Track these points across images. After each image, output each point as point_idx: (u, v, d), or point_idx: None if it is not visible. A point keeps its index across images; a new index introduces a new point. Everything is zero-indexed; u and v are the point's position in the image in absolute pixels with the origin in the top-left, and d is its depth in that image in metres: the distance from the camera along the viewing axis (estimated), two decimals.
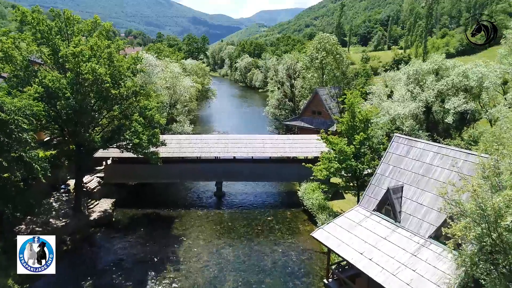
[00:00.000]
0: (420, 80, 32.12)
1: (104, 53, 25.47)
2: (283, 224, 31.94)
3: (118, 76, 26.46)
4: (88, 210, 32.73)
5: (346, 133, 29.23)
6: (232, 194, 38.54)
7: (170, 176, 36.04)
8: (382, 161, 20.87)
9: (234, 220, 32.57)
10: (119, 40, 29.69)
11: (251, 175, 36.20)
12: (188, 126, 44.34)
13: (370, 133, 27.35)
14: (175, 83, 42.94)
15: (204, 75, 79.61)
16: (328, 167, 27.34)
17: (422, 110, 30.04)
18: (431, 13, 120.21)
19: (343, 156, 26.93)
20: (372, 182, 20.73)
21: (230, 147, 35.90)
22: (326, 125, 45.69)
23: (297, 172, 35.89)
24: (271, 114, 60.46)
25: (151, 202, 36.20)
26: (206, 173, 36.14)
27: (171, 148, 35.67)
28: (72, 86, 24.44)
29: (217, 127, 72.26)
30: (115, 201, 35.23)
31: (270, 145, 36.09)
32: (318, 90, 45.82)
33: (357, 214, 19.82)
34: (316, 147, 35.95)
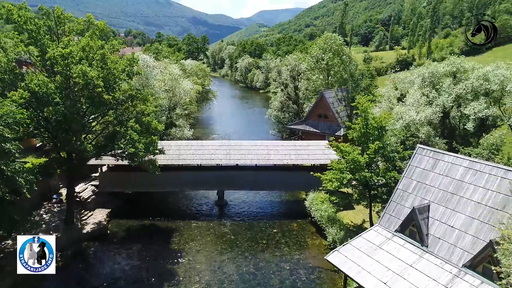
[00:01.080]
0: (436, 83, 30.05)
1: (96, 55, 23.36)
2: (290, 237, 29.85)
3: (112, 80, 24.36)
4: (81, 222, 30.64)
5: (358, 140, 27.18)
6: (234, 204, 36.45)
7: (169, 184, 33.94)
8: (404, 175, 18.79)
9: (237, 233, 30.48)
10: (114, 40, 27.52)
11: (254, 184, 34.11)
12: (188, 130, 42.17)
13: (385, 141, 25.27)
14: (174, 85, 40.75)
15: (205, 76, 77.44)
16: (339, 178, 25.25)
17: (440, 116, 27.97)
18: (435, 12, 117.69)
19: (356, 166, 24.85)
20: (393, 199, 18.64)
21: (232, 154, 33.82)
22: (333, 129, 43.62)
23: (303, 180, 33.84)
24: (274, 117, 58.37)
25: (148, 212, 34.09)
26: (207, 181, 34.05)
27: (170, 155, 33.61)
28: (62, 91, 22.32)
29: (217, 130, 70.19)
30: (111, 211, 33.19)
31: (275, 152, 34.01)
32: (324, 93, 43.74)
33: (377, 235, 17.73)
34: (324, 154, 33.90)
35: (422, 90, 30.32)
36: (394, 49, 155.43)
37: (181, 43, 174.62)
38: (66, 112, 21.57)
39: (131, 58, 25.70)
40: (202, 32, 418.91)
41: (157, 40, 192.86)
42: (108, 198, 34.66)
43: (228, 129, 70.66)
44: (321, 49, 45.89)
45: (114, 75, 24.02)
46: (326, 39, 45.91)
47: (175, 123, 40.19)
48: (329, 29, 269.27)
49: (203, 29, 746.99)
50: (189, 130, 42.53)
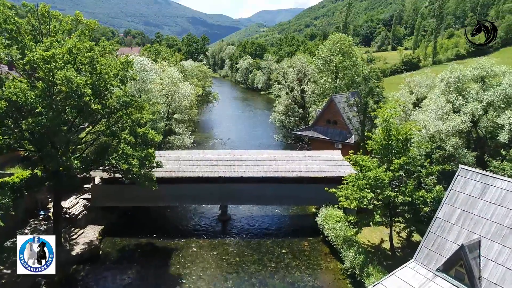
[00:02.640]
0: (462, 89, 27.23)
1: (85, 58, 20.49)
2: (301, 259, 26.99)
3: (103, 86, 21.49)
4: (71, 241, 27.76)
5: (377, 153, 24.35)
6: (238, 218, 33.57)
7: (168, 198, 31.06)
8: (445, 202, 15.94)
9: (242, 254, 27.62)
10: (105, 41, 24.64)
11: (261, 198, 31.23)
12: (189, 137, 39.20)
13: (411, 155, 22.44)
14: (173, 90, 37.81)
15: (205, 77, 74.60)
16: (359, 197, 22.40)
17: (469, 126, 25.15)
18: (441, 12, 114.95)
19: (379, 183, 22.01)
20: (431, 230, 15.79)
21: (237, 166, 30.97)
22: (343, 136, 40.76)
23: (314, 194, 30.98)
24: (278, 121, 55.51)
25: (145, 228, 31.24)
26: (209, 195, 31.16)
27: (169, 166, 30.77)
28: (44, 100, 19.45)
29: (218, 134, 67.33)
30: (104, 228, 30.33)
31: (283, 163, 31.16)
32: (333, 97, 40.85)
33: (415, 274, 14.88)
34: (337, 165, 31.06)
35: (446, 97, 27.48)
36: (397, 50, 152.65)
37: (181, 43, 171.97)
38: (48, 124, 18.68)
39: (124, 62, 22.81)
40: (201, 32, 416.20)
41: (156, 41, 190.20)
42: (101, 213, 31.77)
43: (229, 133, 67.82)
44: (330, 50, 43.04)
45: (105, 80, 21.14)
46: (335, 40, 43.06)
47: (174, 130, 37.24)
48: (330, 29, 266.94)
49: (202, 29, 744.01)
50: (189, 137, 39.57)
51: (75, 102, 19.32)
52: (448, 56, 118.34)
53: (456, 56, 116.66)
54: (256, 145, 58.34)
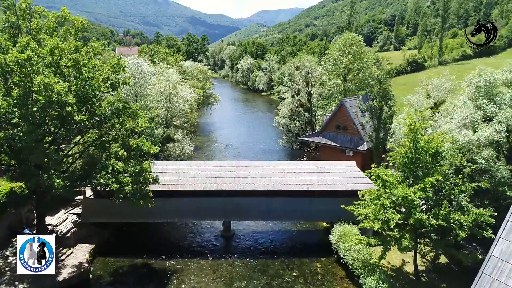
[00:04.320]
0: (493, 94, 24.45)
1: (69, 60, 17.70)
2: (314, 284, 24.20)
3: (91, 92, 18.69)
4: (58, 263, 24.87)
5: (402, 166, 21.58)
6: (243, 234, 30.79)
7: (166, 214, 28.28)
8: (501, 236, 13.09)
9: (248, 278, 24.82)
10: (96, 41, 21.83)
11: (268, 214, 28.46)
12: (189, 144, 36.31)
13: (444, 171, 19.68)
14: (172, 94, 34.93)
15: (206, 79, 71.79)
16: (384, 219, 19.62)
17: (505, 136, 22.35)
18: (446, 11, 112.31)
19: (407, 203, 19.24)
20: (485, 271, 12.92)
21: (242, 178, 28.20)
22: (354, 143, 38.00)
23: (327, 209, 28.25)
24: (282, 125, 52.73)
25: (141, 247, 28.50)
26: (211, 210, 28.38)
27: (167, 178, 28.03)
28: (20, 110, 16.65)
29: (220, 138, 64.60)
30: (95, 247, 27.51)
31: (293, 175, 28.39)
32: (344, 101, 38.10)
33: None
34: (352, 177, 28.29)
35: (476, 103, 24.69)
36: (401, 50, 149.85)
37: (181, 43, 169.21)
38: (24, 138, 15.89)
39: (115, 64, 20.00)
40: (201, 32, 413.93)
41: (155, 40, 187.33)
42: (93, 229, 28.99)
43: (231, 137, 65.08)
44: (340, 51, 40.26)
45: (92, 86, 18.33)
46: (346, 40, 40.26)
47: (173, 138, 34.43)
48: (331, 29, 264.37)
49: (201, 29, 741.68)
50: (189, 145, 36.69)
51: (56, 113, 16.51)
52: (454, 56, 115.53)
53: (463, 57, 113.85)
54: (259, 150, 55.66)
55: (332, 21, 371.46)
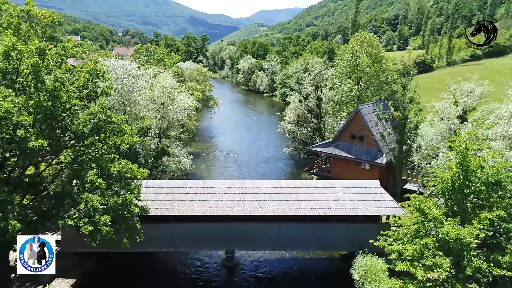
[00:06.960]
0: None
1: (25, 66, 13.66)
2: None
3: (59, 106, 14.64)
4: None
5: (445, 193, 17.61)
6: (248, 264, 26.74)
7: (158, 243, 24.25)
8: None
9: None
10: (71, 41, 17.78)
11: (277, 242, 24.42)
12: (187, 158, 32.11)
13: (506, 206, 15.67)
14: (167, 103, 30.67)
15: (205, 80, 67.67)
16: (429, 264, 15.58)
17: None
18: (456, 10, 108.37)
19: (458, 245, 15.22)
20: None
21: (247, 200, 24.17)
22: (372, 155, 33.97)
23: (345, 236, 24.29)
24: (288, 132, 48.73)
25: (130, 279, 24.49)
26: (212, 238, 24.35)
27: (160, 201, 24.03)
28: None
29: (220, 145, 60.51)
30: (76, 282, 23.51)
31: (307, 197, 24.36)
32: (360, 108, 34.08)
33: None
34: (375, 200, 24.27)
35: None
36: (406, 50, 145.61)
37: (180, 43, 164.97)
38: None
39: (92, 70, 15.94)
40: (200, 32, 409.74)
41: (154, 40, 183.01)
42: (74, 259, 24.98)
43: (232, 143, 61.00)
44: (354, 52, 36.25)
45: (60, 99, 14.29)
46: (360, 41, 36.23)
47: (168, 151, 30.35)
48: (331, 29, 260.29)
49: (201, 28, 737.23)
50: (187, 157, 32.54)
51: (7, 136, 12.48)
52: (463, 56, 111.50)
53: (472, 57, 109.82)
54: (263, 158, 51.68)
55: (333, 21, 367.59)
